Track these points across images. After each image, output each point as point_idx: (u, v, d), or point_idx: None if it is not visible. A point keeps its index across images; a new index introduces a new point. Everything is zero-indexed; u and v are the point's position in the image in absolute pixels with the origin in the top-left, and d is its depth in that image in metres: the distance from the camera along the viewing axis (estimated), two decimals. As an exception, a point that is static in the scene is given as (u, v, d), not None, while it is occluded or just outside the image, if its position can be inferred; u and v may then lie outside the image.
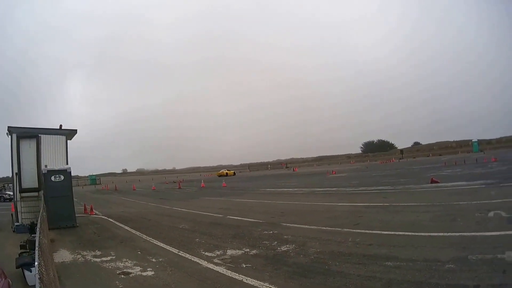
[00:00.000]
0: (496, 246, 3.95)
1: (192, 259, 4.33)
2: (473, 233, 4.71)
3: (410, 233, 5.01)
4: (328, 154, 73.40)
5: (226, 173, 38.54)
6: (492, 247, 3.96)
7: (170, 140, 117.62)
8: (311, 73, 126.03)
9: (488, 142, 55.74)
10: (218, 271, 3.73)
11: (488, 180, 10.86)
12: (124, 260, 4.60)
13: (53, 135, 8.95)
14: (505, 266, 3.35)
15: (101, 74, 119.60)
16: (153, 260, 4.54)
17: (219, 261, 4.14)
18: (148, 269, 4.08)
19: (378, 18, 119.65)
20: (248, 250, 4.68)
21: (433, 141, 68.63)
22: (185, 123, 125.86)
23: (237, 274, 3.58)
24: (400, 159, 46.34)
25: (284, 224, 6.41)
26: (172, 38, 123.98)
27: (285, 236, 5.36)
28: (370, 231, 5.31)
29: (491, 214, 5.78)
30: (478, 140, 49.16)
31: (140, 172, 77.23)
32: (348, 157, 65.03)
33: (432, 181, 11.62)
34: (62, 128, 9.19)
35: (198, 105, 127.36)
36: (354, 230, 5.45)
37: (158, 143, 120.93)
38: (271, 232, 5.80)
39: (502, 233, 4.50)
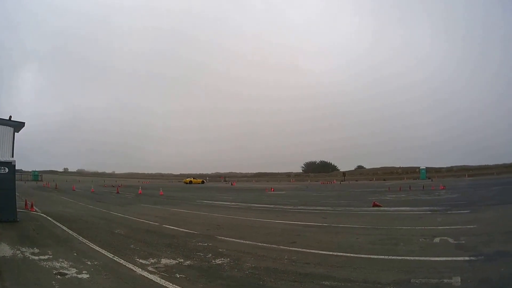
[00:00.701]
0: (442, 271, 5.77)
1: (127, 265, 6.31)
2: (417, 258, 6.81)
3: (349, 254, 7.14)
4: (267, 171, 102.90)
5: (190, 181, 64.10)
6: (438, 272, 5.75)
7: (112, 145, 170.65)
8: (256, 88, 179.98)
9: (438, 170, 79.12)
10: (152, 280, 5.45)
11: (434, 207, 15.38)
12: (61, 260, 6.67)
13: (1, 126, 13.69)
14: None
15: (52, 69, 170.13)
16: (89, 263, 6.58)
17: (153, 269, 6.06)
18: (83, 272, 5.92)
19: (335, 48, 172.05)
20: (182, 260, 6.79)
21: (378, 166, 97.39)
22: (128, 130, 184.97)
23: (171, 284, 5.19)
24: (342, 181, 65.57)
25: (219, 237, 9.26)
26: (129, 46, 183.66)
27: (220, 249, 7.76)
28: (308, 250, 7.62)
29: (436, 240, 8.35)
30: (426, 167, 71.55)
31: (80, 173, 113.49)
32: (288, 175, 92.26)
33: (374, 205, 16.42)
34: (11, 119, 14.07)
35: (141, 113, 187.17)
36: (291, 248, 7.85)
37: (100, 146, 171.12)
38: (206, 244, 8.42)
39: (449, 258, 6.61)
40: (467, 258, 6.75)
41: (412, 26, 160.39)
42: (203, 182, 65.28)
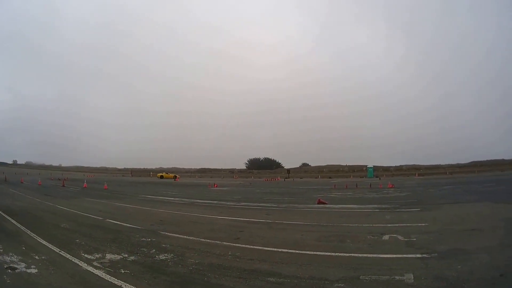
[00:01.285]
0: (393, 268, 6.15)
1: (73, 260, 6.81)
2: (365, 255, 7.24)
3: (294, 251, 7.68)
4: (211, 167, 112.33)
5: (162, 175, 72.61)
6: (388, 269, 6.13)
7: (59, 138, 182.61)
8: (200, 84, 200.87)
9: (386, 169, 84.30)
10: (97, 275, 5.91)
11: (383, 205, 16.44)
12: (11, 254, 7.35)
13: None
14: None
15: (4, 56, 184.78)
16: (37, 257, 7.18)
17: (98, 264, 6.53)
18: (32, 266, 6.51)
19: (282, 43, 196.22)
20: (126, 255, 7.32)
21: (323, 164, 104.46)
22: (74, 123, 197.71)
23: (116, 279, 5.64)
24: (286, 178, 72.04)
25: (163, 232, 9.98)
26: (81, 39, 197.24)
27: (163, 245, 8.40)
28: (251, 246, 8.22)
29: (385, 237, 8.88)
30: (374, 166, 77.32)
31: (28, 165, 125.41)
32: (232, 171, 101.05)
33: (319, 202, 17.58)
34: None
35: (88, 107, 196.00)
36: (235, 244, 8.44)
37: (47, 138, 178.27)
38: (150, 239, 9.09)
39: (400, 256, 7.06)
40: (419, 256, 7.08)
41: (355, 30, 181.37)
42: (175, 177, 68.68)
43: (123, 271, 6.21)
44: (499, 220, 10.71)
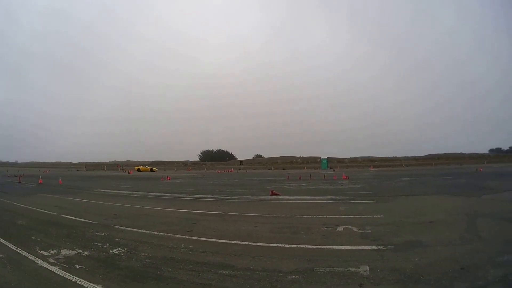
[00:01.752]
0: (348, 260, 6.34)
1: (29, 257, 7.09)
2: (319, 246, 7.48)
3: (247, 243, 7.99)
4: (165, 160, 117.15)
5: (138, 169, 76.03)
6: (343, 261, 6.32)
7: (14, 133, 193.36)
8: (153, 75, 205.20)
9: (340, 160, 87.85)
10: (53, 271, 6.12)
11: (337, 196, 16.88)
12: None
13: None
14: (361, 280, 5.37)
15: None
16: None
17: (53, 261, 6.75)
18: None
19: (236, 41, 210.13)
20: (81, 251, 7.56)
21: (277, 156, 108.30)
22: (29, 118, 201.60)
23: (71, 275, 5.84)
24: (239, 170, 74.64)
25: (116, 226, 10.34)
26: (33, 24, 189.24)
27: (117, 239, 8.70)
28: (204, 239, 8.52)
29: (340, 228, 9.18)
30: (328, 158, 79.65)
31: None
32: (185, 164, 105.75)
33: (272, 194, 18.25)
34: None
35: (42, 101, 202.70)
36: (187, 237, 8.75)
37: (3, 132, 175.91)
38: (104, 234, 9.36)
39: (354, 247, 7.26)
40: (374, 247, 7.22)
41: (310, 28, 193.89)
42: (152, 170, 74.00)
43: (77, 267, 6.40)
44: (458, 213, 11.04)
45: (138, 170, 73.66)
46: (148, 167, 77.51)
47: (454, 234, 8.15)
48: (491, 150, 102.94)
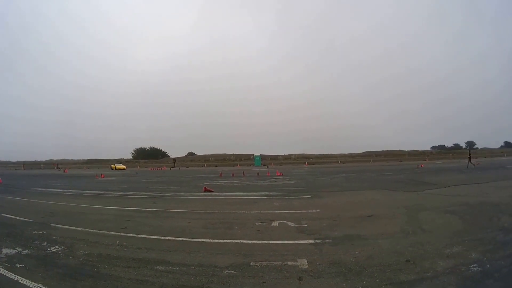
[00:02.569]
0: (285, 254, 6.39)
1: None
2: (254, 241, 7.63)
3: (181, 239, 8.19)
4: (98, 158, 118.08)
5: (115, 167, 76.37)
6: (280, 255, 6.36)
7: None
8: (82, 73, 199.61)
9: (274, 157, 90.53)
10: None
11: (271, 192, 17.47)
12: None
13: None
14: (300, 273, 5.43)
15: None
16: None
17: None
18: None
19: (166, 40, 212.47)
20: (21, 249, 7.77)
21: (210, 153, 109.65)
22: None
23: (13, 274, 6.08)
24: (172, 167, 78.28)
25: (53, 224, 10.55)
26: None
27: (54, 237, 8.83)
28: (139, 235, 8.66)
29: (275, 223, 9.28)
30: (261, 155, 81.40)
31: None
32: (119, 162, 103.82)
33: (205, 190, 18.82)
34: None
35: None
36: (122, 234, 8.91)
37: None
38: (41, 232, 9.52)
39: (291, 242, 7.37)
40: (312, 241, 7.27)
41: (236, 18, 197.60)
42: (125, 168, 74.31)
43: (18, 266, 6.54)
44: (398, 207, 11.24)
45: (115, 168, 74.06)
46: (123, 166, 78.33)
47: (396, 227, 8.29)
48: (433, 147, 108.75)
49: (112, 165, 77.74)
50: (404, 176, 25.70)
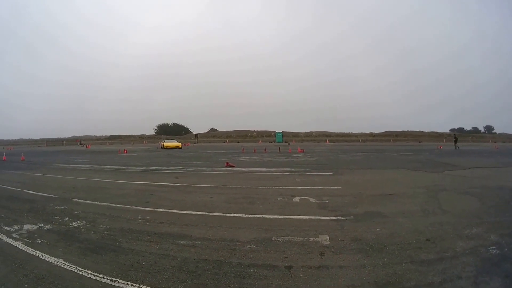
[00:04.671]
0: (306, 230, 6.40)
1: None
2: (276, 216, 7.65)
3: (203, 213, 8.24)
4: (121, 134, 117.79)
5: (164, 145, 55.66)
6: (302, 231, 6.37)
7: None
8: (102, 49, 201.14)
9: (295, 135, 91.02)
10: (16, 247, 6.31)
11: (292, 168, 17.67)
12: None
13: None
14: (321, 249, 5.45)
15: None
16: None
17: (17, 236, 6.94)
18: None
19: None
20: (42, 225, 7.74)
21: (231, 129, 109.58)
22: None
23: (34, 250, 6.01)
24: (195, 143, 77.71)
25: (75, 199, 10.54)
26: None
27: (76, 212, 8.86)
28: (161, 210, 8.75)
29: (296, 199, 9.33)
30: (283, 131, 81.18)
31: None
32: (142, 137, 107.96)
33: (228, 165, 18.91)
34: None
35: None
36: (144, 208, 8.96)
37: None
38: (63, 207, 9.51)
39: (313, 217, 7.39)
40: (333, 218, 7.27)
41: None
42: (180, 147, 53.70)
43: (39, 241, 6.46)
44: (418, 187, 11.12)
45: (164, 147, 52.55)
46: (176, 143, 55.42)
47: (416, 207, 8.23)
48: (452, 130, 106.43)
49: (162, 143, 56.53)
50: (424, 157, 25.43)
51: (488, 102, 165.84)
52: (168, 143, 54.93)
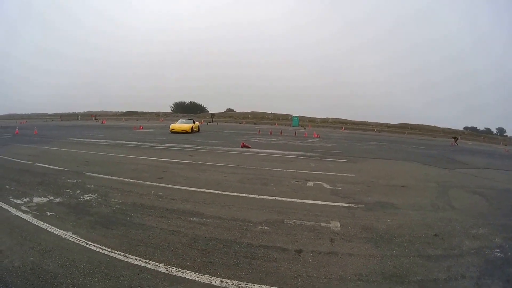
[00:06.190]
0: (318, 215, 6.43)
1: (3, 206, 7.14)
2: (289, 199, 7.71)
3: (216, 191, 8.29)
4: (137, 110, 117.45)
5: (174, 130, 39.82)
6: (313, 215, 6.41)
7: None
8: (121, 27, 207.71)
9: (312, 120, 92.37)
10: (25, 219, 6.26)
11: (307, 153, 17.79)
12: None
13: None
14: (332, 235, 5.48)
15: None
16: None
17: (26, 209, 6.88)
18: None
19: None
20: (52, 198, 7.65)
21: (248, 110, 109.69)
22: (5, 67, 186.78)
23: (42, 223, 6.00)
24: (210, 122, 76.96)
25: (88, 173, 10.49)
26: None
27: (88, 186, 8.84)
28: (174, 186, 8.80)
29: (310, 183, 9.34)
30: (299, 116, 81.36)
31: None
32: (157, 115, 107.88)
33: (243, 146, 18.88)
34: None
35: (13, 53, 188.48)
36: (157, 184, 9.02)
37: None
38: (75, 180, 9.44)
39: (325, 203, 7.40)
40: (345, 205, 7.29)
41: None
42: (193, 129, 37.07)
43: (49, 214, 6.47)
44: (429, 181, 11.00)
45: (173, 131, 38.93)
46: (185, 125, 36.02)
47: (426, 200, 8.18)
48: (465, 128, 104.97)
49: (172, 125, 36.48)
50: (437, 152, 24.97)
51: (504, 102, 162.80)
52: (177, 126, 35.58)
